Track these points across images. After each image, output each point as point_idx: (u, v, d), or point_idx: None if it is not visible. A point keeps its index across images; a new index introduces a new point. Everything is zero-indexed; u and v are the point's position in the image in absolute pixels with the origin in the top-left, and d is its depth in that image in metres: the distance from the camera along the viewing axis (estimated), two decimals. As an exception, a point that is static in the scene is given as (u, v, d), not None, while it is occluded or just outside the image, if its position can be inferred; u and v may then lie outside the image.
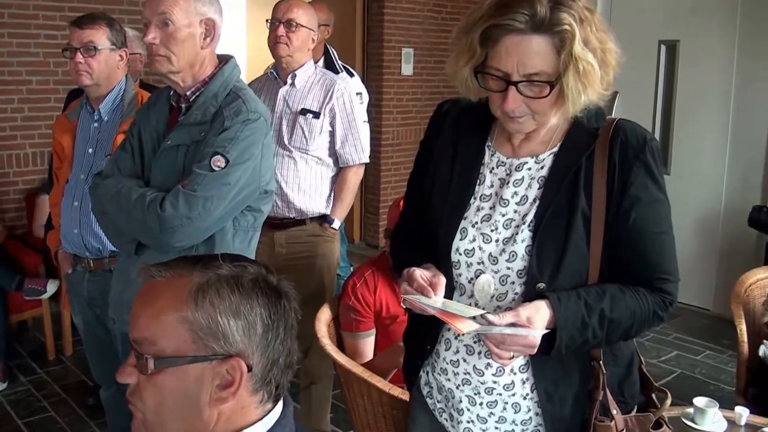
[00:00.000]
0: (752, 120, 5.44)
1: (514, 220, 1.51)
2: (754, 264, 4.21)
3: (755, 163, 5.45)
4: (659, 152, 1.52)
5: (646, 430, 1.55)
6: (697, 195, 5.76)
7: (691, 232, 5.78)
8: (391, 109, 7.11)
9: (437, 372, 1.62)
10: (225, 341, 1.07)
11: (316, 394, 3.32)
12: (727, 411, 2.72)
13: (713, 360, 4.86)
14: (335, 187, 3.23)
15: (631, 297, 1.48)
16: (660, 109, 6.04)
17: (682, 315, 5.61)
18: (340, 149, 3.16)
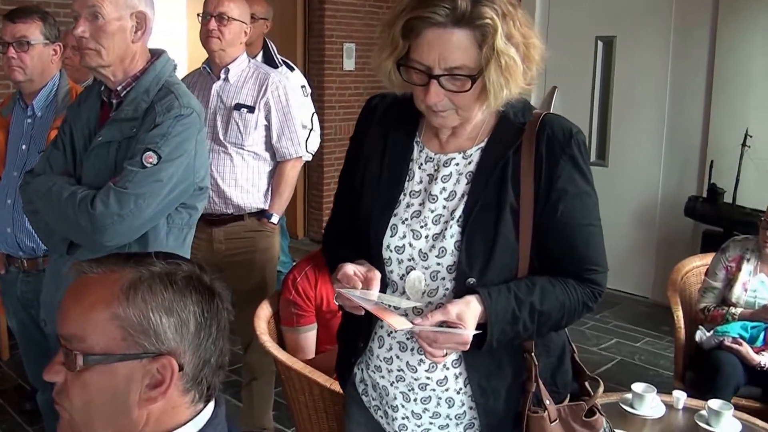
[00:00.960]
0: (687, 113, 5.57)
1: (443, 216, 1.51)
2: (691, 253, 4.31)
3: (690, 154, 5.59)
4: (585, 145, 1.53)
5: (579, 419, 1.56)
6: (634, 187, 5.89)
7: (630, 223, 5.90)
8: (334, 104, 7.08)
9: (371, 369, 1.61)
10: (156, 339, 1.05)
11: (257, 390, 3.29)
12: (665, 395, 2.78)
13: (652, 346, 4.97)
14: (273, 181, 3.19)
15: (561, 289, 1.50)
16: (597, 103, 6.15)
17: (621, 303, 5.72)
18: (277, 143, 3.13)
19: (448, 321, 1.39)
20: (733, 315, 3.32)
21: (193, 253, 2.88)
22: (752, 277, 3.36)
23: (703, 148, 5.48)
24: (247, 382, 3.32)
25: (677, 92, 5.63)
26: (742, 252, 3.42)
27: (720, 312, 3.36)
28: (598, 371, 4.40)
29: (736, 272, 3.39)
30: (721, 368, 3.11)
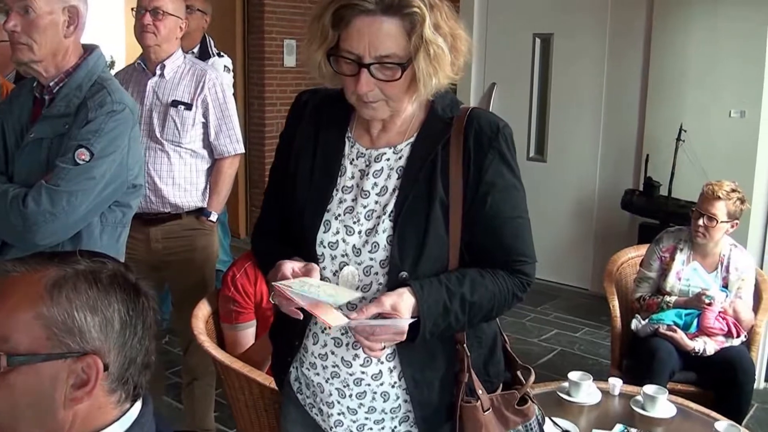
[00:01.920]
0: (623, 109, 5.69)
1: (375, 211, 1.52)
2: (628, 245, 4.40)
3: (626, 149, 5.71)
4: (512, 139, 1.56)
5: (512, 407, 1.59)
6: (572, 181, 5.99)
7: (569, 217, 6.01)
8: (275, 101, 7.04)
9: (306, 367, 1.61)
10: (81, 338, 1.03)
11: (198, 391, 3.25)
12: (602, 383, 2.84)
13: (591, 336, 5.07)
14: (211, 179, 3.16)
15: (491, 280, 1.52)
16: (536, 100, 6.24)
17: (561, 295, 5.83)
18: (215, 140, 3.10)
19: (383, 312, 1.39)
20: (667, 303, 3.41)
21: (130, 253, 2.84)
22: (685, 266, 3.45)
23: (639, 143, 5.61)
24: (188, 384, 3.28)
25: (614, 88, 5.74)
26: (675, 242, 3.51)
27: (655, 301, 3.45)
28: (538, 362, 4.48)
29: (670, 262, 3.48)
30: (657, 355, 3.19)
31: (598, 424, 2.56)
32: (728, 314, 3.30)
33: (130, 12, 3.09)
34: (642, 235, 5.18)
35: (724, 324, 3.28)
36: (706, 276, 3.42)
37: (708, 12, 5.03)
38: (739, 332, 3.29)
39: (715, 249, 3.42)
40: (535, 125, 6.24)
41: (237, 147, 3.16)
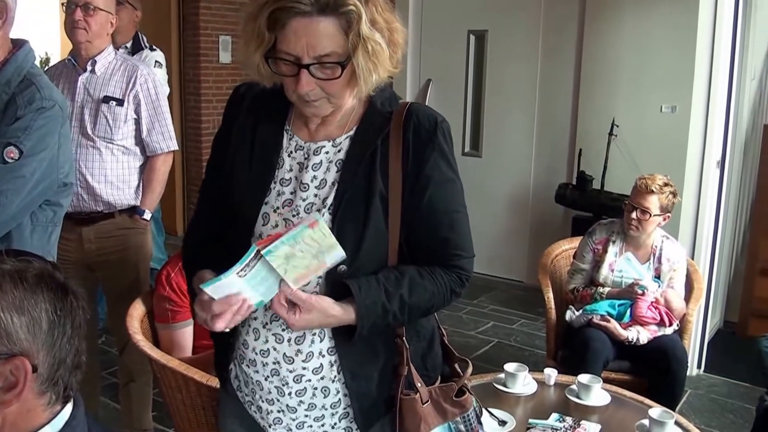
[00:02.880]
0: (557, 104, 5.80)
1: (314, 204, 1.52)
2: (562, 237, 4.49)
3: (560, 143, 5.82)
4: (450, 134, 1.58)
5: (450, 399, 1.61)
6: (507, 176, 6.08)
7: (504, 211, 6.10)
8: (211, 98, 6.96)
9: (245, 364, 1.59)
10: (8, 339, 1.01)
11: (135, 392, 3.20)
12: (537, 373, 2.89)
13: (527, 328, 5.16)
14: (144, 176, 3.11)
15: (429, 279, 1.53)
16: (471, 95, 6.31)
17: (498, 288, 5.91)
18: (147, 137, 3.04)
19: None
20: (600, 294, 3.49)
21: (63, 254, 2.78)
22: (618, 257, 3.53)
23: (572, 138, 5.72)
24: (125, 384, 3.23)
25: (547, 84, 5.84)
26: (608, 234, 3.59)
27: (588, 292, 3.52)
28: (475, 354, 4.53)
29: (603, 254, 3.56)
30: (591, 344, 3.26)
31: (534, 413, 2.60)
32: (660, 304, 3.39)
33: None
34: (575, 228, 5.28)
35: (656, 313, 3.37)
36: (638, 267, 3.51)
37: (639, 9, 5.15)
38: (671, 321, 3.39)
39: (648, 241, 3.51)
40: (470, 121, 6.31)
41: (170, 144, 3.11)
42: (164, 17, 6.74)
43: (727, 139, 4.49)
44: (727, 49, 4.36)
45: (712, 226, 4.51)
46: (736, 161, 5.15)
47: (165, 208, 5.47)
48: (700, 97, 4.49)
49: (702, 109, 4.48)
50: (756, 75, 5.34)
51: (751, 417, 3.02)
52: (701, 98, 4.48)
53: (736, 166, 5.17)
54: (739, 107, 4.97)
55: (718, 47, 4.35)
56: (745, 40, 4.86)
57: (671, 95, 4.97)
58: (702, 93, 4.48)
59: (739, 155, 5.22)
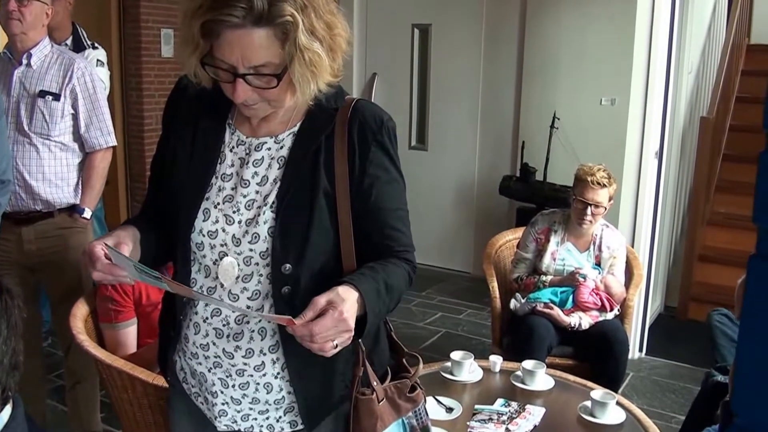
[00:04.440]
0: (500, 98, 5.87)
1: (255, 201, 1.50)
2: (507, 228, 4.55)
3: (504, 136, 5.89)
4: (395, 133, 1.57)
5: (404, 395, 1.60)
6: (453, 168, 6.14)
7: (450, 203, 6.15)
8: (153, 92, 6.83)
9: (188, 357, 1.58)
10: None
11: (82, 393, 3.15)
12: (483, 361, 2.93)
13: (474, 317, 5.23)
14: (83, 174, 3.05)
15: (393, 265, 1.52)
16: (416, 89, 6.34)
17: (445, 280, 5.97)
18: (85, 133, 2.98)
19: (319, 310, 1.32)
20: (543, 282, 3.55)
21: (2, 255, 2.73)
22: (560, 246, 3.59)
23: (515, 131, 5.80)
24: (71, 386, 3.17)
25: (490, 78, 5.91)
26: (549, 224, 3.65)
27: (532, 280, 3.58)
28: (424, 344, 4.58)
29: (545, 243, 3.62)
30: (535, 331, 3.32)
31: (480, 399, 2.65)
32: (601, 290, 3.47)
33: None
34: (520, 219, 5.35)
35: (597, 299, 3.44)
36: (579, 255, 3.58)
37: (579, 4, 5.25)
38: (612, 306, 3.47)
39: (589, 230, 3.58)
40: (416, 115, 6.35)
41: (108, 139, 3.05)
42: (105, 10, 6.60)
43: (665, 131, 4.61)
44: (664, 43, 4.47)
45: (651, 214, 4.63)
46: (674, 152, 5.29)
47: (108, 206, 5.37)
48: (638, 90, 4.60)
49: (640, 102, 4.59)
50: (693, 68, 5.49)
51: (692, 397, 3.12)
52: (640, 91, 4.59)
53: (674, 156, 5.31)
54: (677, 100, 5.11)
55: (656, 41, 4.46)
56: (682, 34, 4.99)
57: (610, 88, 5.07)
58: (640, 86, 4.59)
59: (677, 146, 5.37)
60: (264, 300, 1.49)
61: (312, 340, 1.30)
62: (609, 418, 2.50)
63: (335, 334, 1.32)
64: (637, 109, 4.60)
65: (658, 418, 3.66)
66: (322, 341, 1.31)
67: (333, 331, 1.31)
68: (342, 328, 1.32)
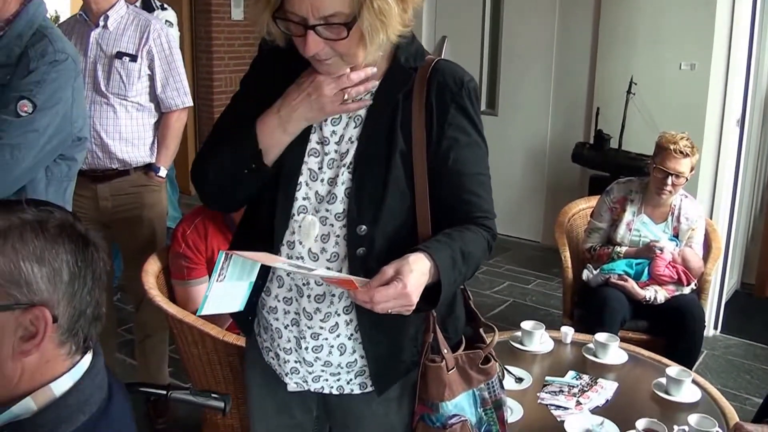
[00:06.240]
0: (574, 61, 5.71)
1: (335, 160, 1.48)
2: (578, 197, 4.45)
3: (577, 102, 5.74)
4: (477, 94, 1.52)
5: (476, 366, 1.57)
6: (524, 135, 6.03)
7: (520, 170, 6.05)
8: (222, 55, 6.90)
9: (266, 311, 1.58)
10: (28, 289, 1.00)
11: (151, 348, 3.22)
12: (554, 332, 2.88)
13: (543, 288, 5.15)
14: (158, 133, 3.08)
15: (471, 232, 1.48)
16: (487, 52, 6.23)
17: (513, 248, 5.89)
18: (161, 93, 3.01)
19: (386, 280, 1.30)
20: (618, 254, 3.46)
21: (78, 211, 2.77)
22: (636, 217, 3.49)
23: (590, 96, 5.65)
24: (141, 340, 3.25)
25: (565, 41, 5.76)
26: (626, 193, 3.55)
27: (606, 251, 3.49)
28: (491, 313, 4.54)
29: (621, 213, 3.52)
30: (608, 304, 3.25)
31: (550, 371, 2.60)
32: (678, 263, 3.36)
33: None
34: (592, 188, 5.24)
35: (674, 272, 3.34)
36: (655, 227, 3.47)
37: (659, -36, 5.06)
38: (689, 280, 3.36)
39: (667, 200, 3.46)
40: (486, 78, 6.24)
41: (185, 100, 3.08)
42: (175, -28, 6.67)
43: (747, 97, 4.41)
44: (747, 4, 4.26)
45: (731, 186, 4.45)
46: (756, 120, 5.06)
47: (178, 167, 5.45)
48: (720, 55, 4.42)
49: (722, 67, 4.41)
50: (778, 31, 5.24)
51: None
52: (721, 55, 4.41)
53: (756, 124, 5.09)
54: (760, 65, 4.87)
55: (739, 3, 4.25)
56: (766, -6, 4.76)
57: (690, 53, 4.89)
58: (722, 50, 4.41)
59: (760, 114, 5.14)
60: (342, 262, 1.47)
61: (371, 308, 1.30)
62: (684, 396, 2.43)
63: (395, 306, 1.31)
64: (718, 75, 4.42)
65: (732, 399, 3.54)
66: (381, 310, 1.30)
67: (393, 302, 1.30)
68: (403, 302, 1.31)
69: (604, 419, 2.24)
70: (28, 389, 1.03)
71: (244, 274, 1.43)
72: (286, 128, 1.46)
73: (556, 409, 2.33)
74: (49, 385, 1.04)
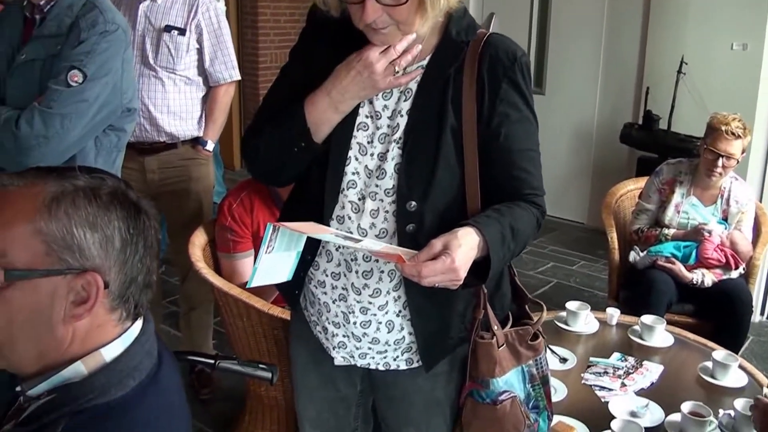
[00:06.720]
0: (624, 40, 5.60)
1: (386, 135, 1.47)
2: (625, 178, 4.37)
3: (627, 82, 5.63)
4: (529, 69, 1.49)
5: (525, 342, 1.56)
6: (571, 114, 5.94)
7: (566, 150, 5.97)
8: (268, 31, 6.90)
9: (314, 285, 1.58)
10: (80, 255, 1.01)
11: (196, 319, 3.26)
12: (599, 313, 2.85)
13: (588, 269, 5.10)
14: (206, 107, 3.09)
15: (520, 208, 1.46)
16: (535, 30, 6.13)
17: (558, 229, 5.83)
18: (210, 67, 3.02)
19: (434, 254, 1.29)
20: (666, 236, 3.40)
21: (125, 183, 2.79)
22: (684, 199, 3.43)
23: (639, 76, 5.54)
24: (186, 312, 3.29)
25: (614, 19, 5.64)
26: (675, 175, 3.48)
27: (653, 233, 3.44)
28: (534, 294, 4.49)
29: (670, 194, 3.46)
30: (654, 286, 3.20)
31: (595, 352, 2.57)
32: (726, 246, 3.29)
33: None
34: (640, 169, 5.15)
35: (722, 256, 3.28)
36: (703, 209, 3.41)
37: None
38: (737, 264, 3.29)
39: (717, 182, 3.39)
40: (534, 57, 6.15)
41: (233, 74, 3.09)
42: (222, -53, 6.68)
43: (801, 78, 4.29)
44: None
45: (783, 169, 4.35)
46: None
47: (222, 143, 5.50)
48: (772, 35, 4.29)
49: (775, 48, 4.28)
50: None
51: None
52: (774, 36, 4.28)
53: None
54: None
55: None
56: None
57: (742, 32, 4.76)
58: (775, 31, 4.28)
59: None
60: (391, 238, 1.46)
61: (418, 281, 1.29)
62: (730, 381, 2.39)
63: (442, 280, 1.30)
64: (771, 55, 4.30)
65: (779, 384, 3.48)
66: (428, 284, 1.30)
67: (441, 277, 1.29)
68: (451, 277, 1.30)
69: (648, 401, 2.21)
70: (79, 353, 1.04)
71: (292, 244, 1.43)
72: (338, 108, 1.45)
73: (600, 390, 2.30)
74: (100, 350, 1.05)
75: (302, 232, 1.39)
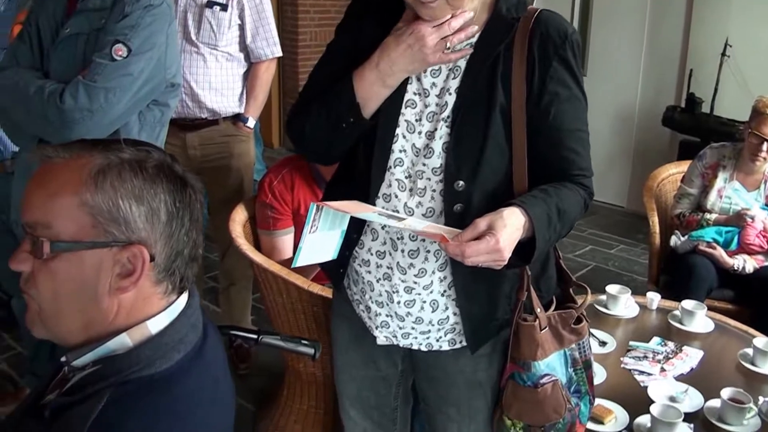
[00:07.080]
0: (667, 22, 5.50)
1: (435, 114, 1.45)
2: (666, 162, 4.31)
3: (669, 64, 5.53)
4: (580, 47, 1.46)
5: (569, 326, 1.55)
6: (612, 96, 5.85)
7: (607, 132, 5.89)
8: (308, 8, 6.88)
9: (358, 263, 1.57)
10: (126, 227, 1.01)
11: (235, 296, 3.29)
12: (639, 297, 2.82)
13: (627, 253, 5.04)
14: (247, 84, 3.10)
15: (567, 189, 1.44)
16: (578, 11, 6.04)
17: (597, 212, 5.77)
18: (251, 43, 3.03)
19: (478, 234, 1.28)
20: (707, 221, 3.35)
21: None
22: (727, 183, 3.37)
23: (683, 58, 5.44)
24: (225, 288, 3.32)
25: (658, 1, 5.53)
26: (718, 159, 3.42)
27: (695, 217, 3.39)
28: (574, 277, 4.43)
29: (712, 179, 3.40)
30: (695, 271, 3.16)
31: (635, 336, 2.55)
32: (769, 232, 3.24)
33: None
34: (682, 153, 5.08)
35: (764, 242, 3.23)
36: (746, 195, 3.35)
37: None
38: (780, 250, 3.24)
39: (761, 167, 3.32)
40: (576, 37, 6.07)
41: (274, 50, 3.09)
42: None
43: None
44: None
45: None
46: None
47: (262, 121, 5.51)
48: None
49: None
50: None
51: None
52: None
53: None
54: None
55: None
56: None
57: (789, 15, 4.65)
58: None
59: None
60: (438, 218, 1.46)
61: (462, 260, 1.28)
62: (771, 369, 2.36)
63: (486, 260, 1.29)
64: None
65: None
66: (472, 263, 1.28)
67: (484, 257, 1.28)
68: (495, 258, 1.28)
69: (688, 387, 2.19)
70: (124, 326, 1.05)
71: (336, 223, 1.43)
72: (386, 81, 1.44)
73: (639, 374, 2.28)
74: (145, 323, 1.06)
75: (345, 212, 1.38)
